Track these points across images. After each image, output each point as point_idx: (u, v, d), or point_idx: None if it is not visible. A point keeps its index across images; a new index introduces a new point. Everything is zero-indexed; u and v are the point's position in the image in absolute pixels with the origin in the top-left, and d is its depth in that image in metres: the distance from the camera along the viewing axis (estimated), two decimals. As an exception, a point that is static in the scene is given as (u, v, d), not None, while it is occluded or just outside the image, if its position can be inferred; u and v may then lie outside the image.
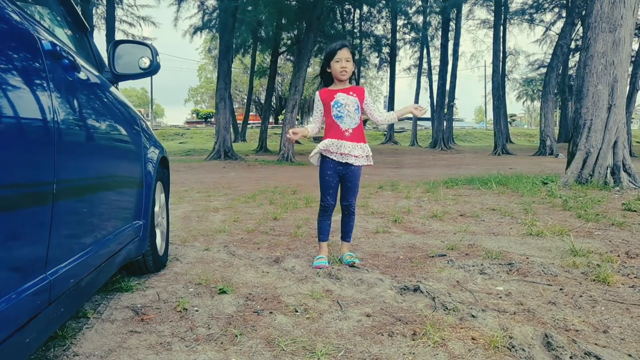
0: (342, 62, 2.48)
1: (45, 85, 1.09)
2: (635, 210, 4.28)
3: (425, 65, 29.74)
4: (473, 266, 2.57)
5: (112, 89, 1.91)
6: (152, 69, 1.84)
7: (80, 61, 1.51)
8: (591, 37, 5.74)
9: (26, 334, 0.98)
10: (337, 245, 2.92)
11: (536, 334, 1.64)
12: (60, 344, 1.54)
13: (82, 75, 1.43)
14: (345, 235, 2.75)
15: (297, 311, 1.90)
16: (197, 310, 1.90)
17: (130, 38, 24.14)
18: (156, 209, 2.48)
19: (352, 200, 2.66)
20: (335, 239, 3.07)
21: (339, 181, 2.60)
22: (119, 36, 21.13)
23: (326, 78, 2.64)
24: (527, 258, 2.73)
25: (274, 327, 1.73)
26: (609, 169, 5.85)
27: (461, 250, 2.96)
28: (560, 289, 2.15)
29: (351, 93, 2.54)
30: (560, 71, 22.40)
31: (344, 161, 2.52)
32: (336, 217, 2.87)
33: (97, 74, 1.77)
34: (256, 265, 2.64)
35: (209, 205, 5.24)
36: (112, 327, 1.71)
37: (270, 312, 1.88)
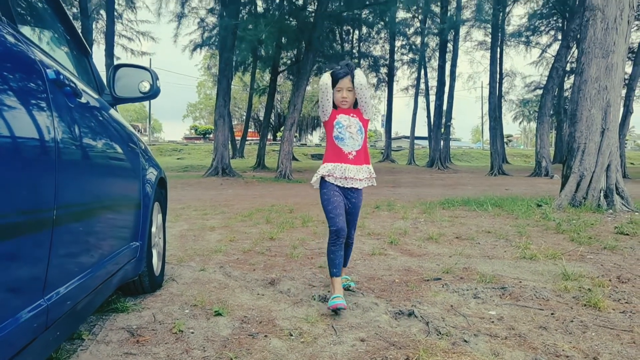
0: (344, 91, 2.38)
1: (48, 113, 1.13)
2: (627, 234, 4.32)
3: (422, 86, 30.08)
4: (467, 290, 2.59)
5: (112, 111, 1.96)
6: (152, 93, 1.89)
7: (81, 85, 1.56)
8: (585, 63, 5.87)
9: (22, 359, 1.00)
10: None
11: (527, 359, 1.66)
12: (55, 366, 1.55)
13: (83, 100, 1.47)
14: (347, 261, 2.67)
15: (291, 335, 1.91)
16: (192, 332, 1.91)
17: (130, 51, 24.44)
18: (153, 229, 2.51)
19: (352, 231, 2.52)
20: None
21: (345, 205, 2.42)
22: (118, 50, 21.36)
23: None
24: (520, 282, 2.76)
25: (269, 351, 1.74)
26: (602, 192, 5.91)
27: (456, 273, 2.99)
28: (552, 314, 2.17)
29: (352, 115, 2.43)
30: (555, 93, 22.68)
31: (348, 186, 2.38)
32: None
33: (97, 97, 1.82)
34: (252, 287, 2.65)
35: (206, 223, 5.25)
36: (107, 349, 1.72)
37: (265, 336, 1.90)
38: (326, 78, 2.36)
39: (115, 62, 16.97)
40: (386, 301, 2.39)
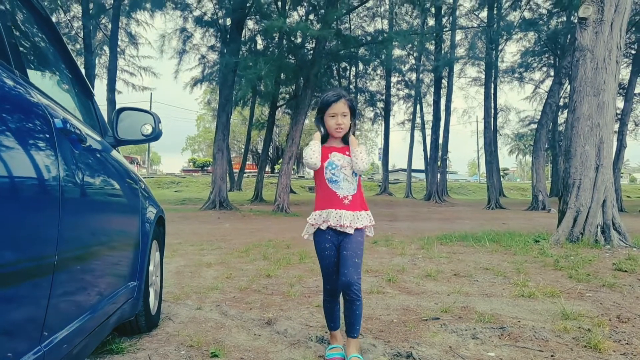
0: (338, 117, 2.06)
1: (54, 160, 1.16)
2: (625, 271, 4.31)
3: (418, 120, 30.56)
4: (466, 330, 2.57)
5: (113, 152, 2.00)
6: (154, 136, 1.93)
7: (85, 129, 1.60)
8: (577, 100, 6.01)
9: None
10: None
11: (527, 406, 1.64)
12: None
13: (86, 145, 1.51)
14: (351, 328, 2.08)
15: (288, 378, 1.88)
16: (187, 376, 1.88)
17: (131, 85, 24.85)
18: (151, 267, 2.50)
19: (353, 275, 2.00)
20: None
21: (337, 252, 2.11)
22: (119, 85, 21.71)
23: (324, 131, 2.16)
24: (519, 321, 2.74)
25: (265, 396, 1.71)
26: (599, 227, 5.93)
27: (454, 312, 2.96)
28: (552, 356, 2.15)
29: (347, 153, 2.10)
30: (550, 128, 23.04)
31: (341, 230, 2.06)
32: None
33: (99, 139, 1.86)
34: (248, 327, 2.62)
35: (202, 259, 5.22)
36: (101, 395, 1.69)
37: (261, 379, 1.87)
38: (310, 157, 2.07)
39: (117, 96, 17.29)
40: (384, 342, 2.37)
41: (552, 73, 24.67)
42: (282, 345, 2.32)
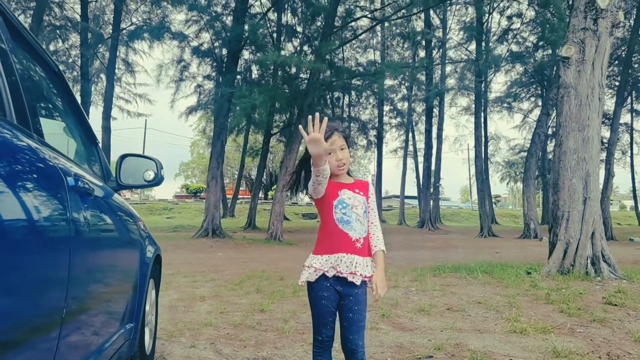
0: (337, 152, 1.86)
1: (66, 215, 1.23)
2: (615, 304, 4.37)
3: (411, 148, 30.95)
4: (458, 369, 2.60)
5: (115, 196, 2.06)
6: (156, 182, 2.00)
7: (90, 178, 1.67)
8: (563, 135, 6.19)
9: None
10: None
11: None
12: None
13: (93, 196, 1.57)
14: None
15: (283, 422, 1.90)
16: (183, 421, 1.89)
17: (126, 112, 24.97)
18: (147, 307, 2.53)
19: (359, 340, 1.82)
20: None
21: (337, 305, 1.85)
22: (115, 112, 21.83)
23: (304, 178, 1.94)
24: (511, 359, 2.77)
25: None
26: (589, 259, 6.01)
27: (447, 350, 2.99)
28: (543, 397, 2.19)
29: (357, 191, 1.90)
30: (539, 156, 23.43)
31: (350, 280, 1.80)
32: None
33: (102, 184, 1.92)
34: (243, 366, 2.63)
35: (195, 292, 5.21)
36: None
37: (257, 423, 1.88)
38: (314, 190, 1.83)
39: (112, 122, 17.38)
40: (378, 382, 2.39)
41: (539, 103, 25.25)
42: (277, 386, 2.33)
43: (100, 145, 2.16)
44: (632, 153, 26.96)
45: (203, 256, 10.46)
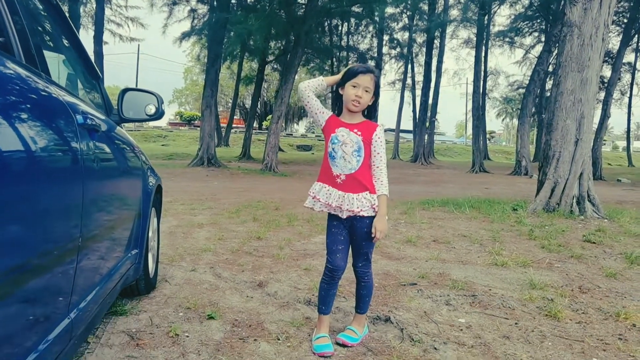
0: (359, 89, 1.93)
1: (77, 150, 1.29)
2: (594, 242, 4.61)
3: (409, 80, 30.40)
4: (440, 296, 2.81)
5: (118, 129, 2.10)
6: (157, 116, 2.04)
7: (96, 114, 1.70)
8: (562, 75, 6.13)
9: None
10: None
11: (488, 368, 1.88)
12: (66, 368, 1.71)
13: (99, 130, 1.62)
14: (357, 305, 2.17)
15: (279, 339, 2.10)
16: (187, 336, 2.08)
17: (118, 36, 24.04)
18: (150, 234, 2.66)
19: (366, 265, 2.08)
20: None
21: (348, 234, 2.04)
22: (106, 36, 21.00)
23: (339, 102, 2.04)
24: (490, 290, 2.99)
25: (258, 355, 1.92)
26: (574, 198, 6.22)
27: (431, 279, 3.21)
28: (516, 323, 2.40)
29: (355, 131, 1.97)
30: (537, 94, 23.19)
31: (334, 214, 2.01)
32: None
33: (106, 119, 1.96)
34: (241, 289, 2.83)
35: (194, 220, 5.39)
36: (111, 352, 1.88)
37: (255, 340, 2.08)
38: (302, 84, 2.02)
39: (104, 47, 16.75)
40: (366, 307, 2.59)
41: (543, 39, 24.52)
42: (273, 307, 2.53)
43: (102, 84, 2.16)
44: (631, 94, 26.76)
45: (199, 185, 10.63)
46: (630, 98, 27.05)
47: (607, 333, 2.29)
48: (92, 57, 2.14)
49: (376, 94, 2.01)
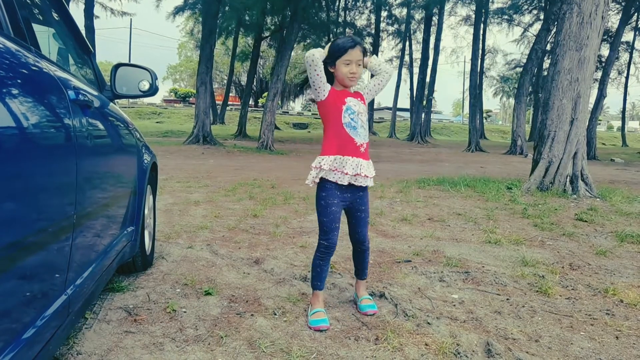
0: (353, 65, 1.95)
1: (70, 125, 1.28)
2: (585, 221, 4.66)
3: (406, 58, 30.09)
4: (434, 273, 2.85)
5: (111, 106, 2.08)
6: (151, 92, 2.01)
7: (88, 90, 1.68)
8: (559, 54, 6.09)
9: (51, 343, 1.19)
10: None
11: (480, 342, 1.92)
12: (65, 344, 1.73)
13: (92, 106, 1.60)
14: (362, 272, 2.30)
15: (275, 314, 2.13)
16: (185, 312, 2.11)
17: (109, 10, 23.53)
18: (145, 211, 2.66)
19: (366, 232, 2.22)
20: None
21: (341, 213, 2.12)
22: (97, 9, 20.57)
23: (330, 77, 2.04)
24: (483, 267, 3.03)
25: (255, 330, 1.96)
26: (568, 178, 6.26)
27: (425, 256, 3.25)
28: (507, 299, 2.45)
29: (359, 99, 2.05)
30: (535, 73, 23.05)
31: (357, 184, 2.03)
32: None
33: (98, 94, 1.94)
34: (237, 266, 2.85)
35: (190, 197, 5.40)
36: (109, 328, 1.91)
37: (252, 315, 2.11)
38: (315, 51, 1.95)
39: (95, 21, 16.43)
40: (361, 283, 2.63)
41: (541, 17, 24.23)
42: (269, 283, 2.56)
43: (95, 60, 2.13)
44: (628, 73, 26.61)
45: (195, 162, 10.61)
46: (627, 78, 26.91)
47: (595, 308, 2.34)
48: (83, 32, 2.09)
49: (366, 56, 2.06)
